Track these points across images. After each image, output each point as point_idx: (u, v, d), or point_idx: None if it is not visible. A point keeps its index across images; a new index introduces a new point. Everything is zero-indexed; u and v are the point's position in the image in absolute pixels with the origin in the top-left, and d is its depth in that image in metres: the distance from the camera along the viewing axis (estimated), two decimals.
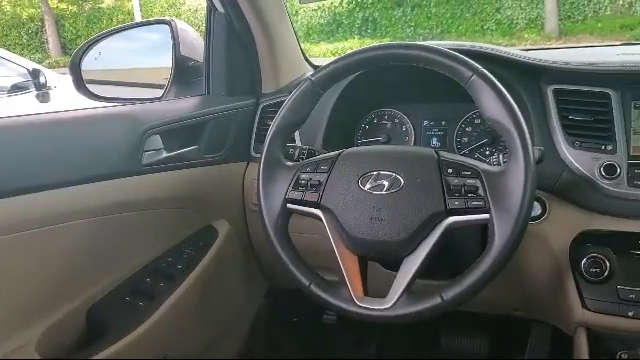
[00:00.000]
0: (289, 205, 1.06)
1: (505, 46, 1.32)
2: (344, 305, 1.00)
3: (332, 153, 1.08)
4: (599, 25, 9.07)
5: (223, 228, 1.46)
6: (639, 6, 9.24)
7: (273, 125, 1.10)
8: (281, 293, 1.72)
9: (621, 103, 1.14)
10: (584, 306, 1.15)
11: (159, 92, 1.53)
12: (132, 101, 1.43)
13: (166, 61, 1.54)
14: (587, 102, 1.17)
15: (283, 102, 1.11)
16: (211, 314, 1.43)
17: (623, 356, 1.18)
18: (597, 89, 1.16)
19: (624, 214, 1.12)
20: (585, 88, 1.17)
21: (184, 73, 1.58)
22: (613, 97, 1.15)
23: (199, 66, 1.58)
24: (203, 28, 1.57)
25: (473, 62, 0.98)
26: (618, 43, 1.64)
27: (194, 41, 1.59)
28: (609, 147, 1.13)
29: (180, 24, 1.56)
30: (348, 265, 1.02)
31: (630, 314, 1.11)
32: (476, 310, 1.46)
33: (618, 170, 1.11)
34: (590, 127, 1.16)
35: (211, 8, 1.52)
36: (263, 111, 1.52)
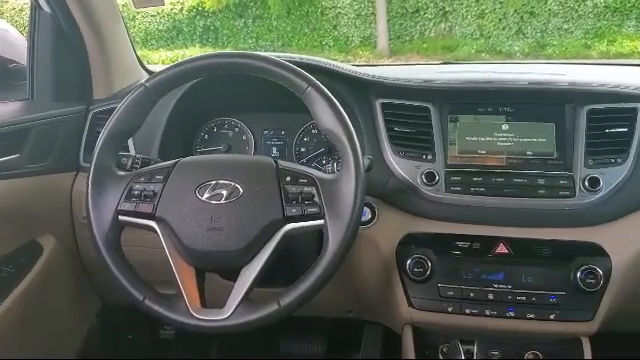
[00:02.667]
0: (121, 217, 1.01)
1: (341, 61, 1.38)
2: (181, 318, 0.97)
3: (168, 162, 1.05)
4: (424, 45, 9.83)
5: (49, 243, 1.36)
6: (458, 30, 10.18)
7: (104, 132, 1.04)
8: (115, 310, 1.63)
9: (439, 116, 1.25)
10: (410, 304, 1.23)
11: None
12: None
13: None
14: (410, 115, 1.25)
15: (115, 109, 1.05)
16: (35, 338, 1.32)
17: (444, 349, 1.29)
18: (418, 103, 1.25)
19: (443, 217, 1.22)
20: (408, 102, 1.26)
21: (5, 76, 1.44)
22: (432, 111, 1.25)
23: (22, 69, 1.46)
24: None
25: (308, 74, 1.02)
26: (438, 62, 1.78)
27: (16, 42, 1.46)
28: (429, 156, 1.23)
29: (0, 24, 1.42)
30: (185, 277, 0.99)
31: (449, 310, 1.20)
32: (312, 314, 1.50)
33: (437, 177, 1.21)
34: (413, 138, 1.24)
35: (35, 6, 1.41)
36: (94, 118, 1.44)
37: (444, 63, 1.81)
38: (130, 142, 1.35)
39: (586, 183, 1.16)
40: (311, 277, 0.96)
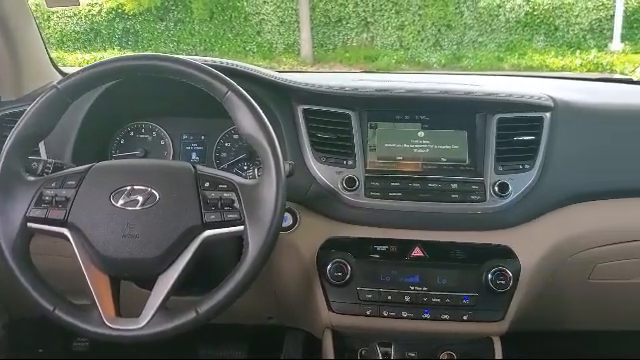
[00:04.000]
0: (30, 224, 0.96)
1: (265, 68, 1.38)
2: (94, 328, 0.94)
3: (81, 167, 1.02)
4: (347, 55, 9.99)
5: None
6: (379, 40, 10.42)
7: (11, 135, 0.99)
8: (23, 323, 1.54)
9: (360, 123, 1.27)
10: (330, 309, 1.24)
11: None
12: None
13: None
14: (331, 121, 1.27)
15: (25, 111, 1.01)
16: None
17: (363, 352, 1.31)
18: (340, 110, 1.27)
19: (362, 222, 1.24)
20: (330, 109, 1.28)
21: None
22: (353, 118, 1.27)
23: None
24: None
25: (228, 79, 1.01)
26: (360, 71, 1.82)
27: None
28: (350, 162, 1.25)
29: None
30: (98, 286, 0.96)
31: (368, 312, 1.22)
32: (232, 321, 1.49)
33: (357, 183, 1.22)
34: (334, 144, 1.26)
35: None
36: (1, 121, 1.36)
37: (365, 72, 1.84)
38: (41, 146, 1.29)
39: (496, 188, 1.21)
40: (230, 283, 0.95)
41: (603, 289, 1.35)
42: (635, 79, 1.77)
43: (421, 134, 1.27)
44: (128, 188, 0.97)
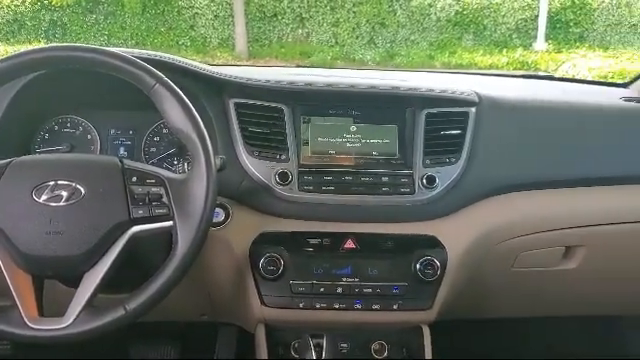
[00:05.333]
0: None
1: (199, 62, 1.36)
2: (13, 329, 0.91)
3: (0, 162, 0.97)
4: (282, 50, 9.98)
5: None
6: (315, 37, 10.47)
7: None
8: None
9: (293, 117, 1.27)
10: (263, 303, 1.24)
11: None
12: None
13: None
14: (264, 115, 1.26)
15: None
16: None
17: (296, 345, 1.32)
18: (272, 104, 1.27)
19: (295, 216, 1.24)
20: (262, 103, 1.27)
21: None
22: (286, 112, 1.27)
23: None
24: None
25: (156, 71, 0.99)
26: (293, 66, 1.82)
27: None
28: (283, 156, 1.25)
29: None
30: (20, 286, 0.93)
31: (301, 305, 1.23)
32: (165, 319, 1.47)
33: (290, 177, 1.22)
34: (267, 138, 1.25)
35: None
36: None
37: (298, 66, 1.85)
38: None
39: (424, 181, 1.24)
40: (159, 280, 0.94)
41: (525, 277, 1.42)
42: (556, 76, 1.87)
43: (353, 128, 1.29)
44: (51, 183, 0.94)
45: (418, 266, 1.23)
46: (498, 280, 1.42)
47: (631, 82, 1.67)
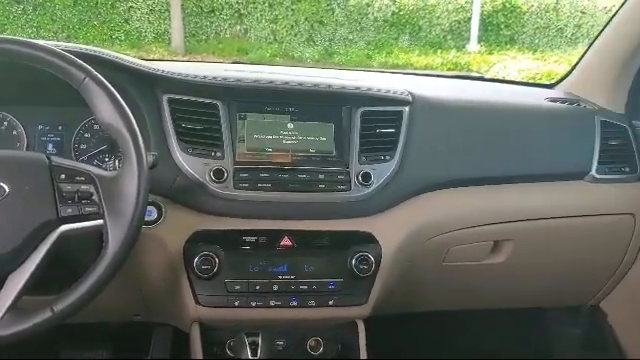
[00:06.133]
0: None
1: (133, 57, 1.32)
2: None
3: None
4: (220, 46, 9.86)
5: None
6: (253, 33, 10.40)
7: None
8: None
9: (228, 114, 1.25)
10: (197, 302, 1.23)
11: None
12: None
13: None
14: (198, 112, 1.24)
15: None
16: None
17: (231, 344, 1.31)
18: (207, 100, 1.25)
19: (231, 214, 1.23)
20: (196, 99, 1.25)
21: None
22: (221, 108, 1.25)
23: None
24: None
25: (85, 65, 0.96)
26: (229, 62, 1.80)
27: None
28: (218, 153, 1.23)
29: None
30: None
31: (236, 304, 1.23)
32: (97, 320, 1.43)
33: (225, 174, 1.21)
34: (201, 135, 1.24)
35: None
36: None
37: (235, 62, 1.83)
38: None
39: (360, 178, 1.25)
40: (89, 280, 0.91)
41: (456, 271, 1.46)
42: (487, 77, 1.93)
43: (290, 126, 1.29)
44: None
45: (353, 262, 1.25)
46: (430, 274, 1.46)
47: (556, 83, 1.75)
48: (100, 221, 0.93)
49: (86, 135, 1.35)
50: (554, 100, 1.57)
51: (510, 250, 1.44)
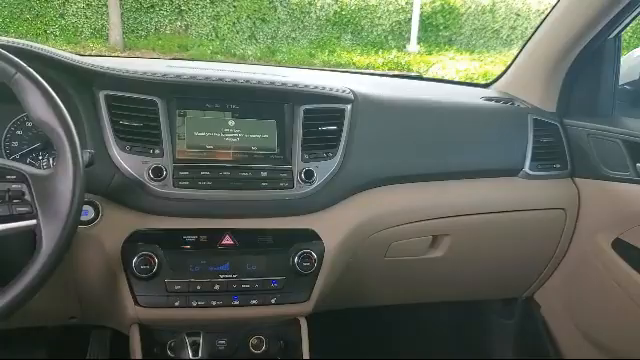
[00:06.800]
0: None
1: (69, 52, 1.27)
2: None
3: None
4: (160, 42, 9.68)
5: None
6: (194, 30, 10.25)
7: None
8: None
9: (167, 111, 1.23)
10: (136, 303, 1.20)
11: None
12: None
13: None
14: (137, 108, 1.22)
15: None
16: None
17: (172, 344, 1.29)
18: (146, 97, 1.22)
19: (171, 213, 1.21)
20: (135, 95, 1.22)
21: None
22: (160, 105, 1.23)
23: None
24: None
25: (16, 59, 0.93)
26: (169, 58, 1.77)
27: None
28: (157, 151, 1.21)
29: None
30: None
31: (177, 304, 1.21)
32: (31, 324, 1.38)
33: (165, 172, 1.19)
34: (140, 132, 1.21)
35: None
36: None
37: (175, 59, 1.80)
38: None
39: (302, 175, 1.26)
40: (21, 282, 0.88)
41: (397, 266, 1.49)
42: (425, 76, 1.97)
43: (232, 123, 1.28)
44: None
45: (296, 259, 1.25)
46: (372, 270, 1.48)
47: (492, 83, 1.80)
48: (33, 221, 0.90)
49: (18, 132, 1.30)
50: (489, 99, 1.62)
51: (448, 245, 1.48)
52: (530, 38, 1.62)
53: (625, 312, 1.45)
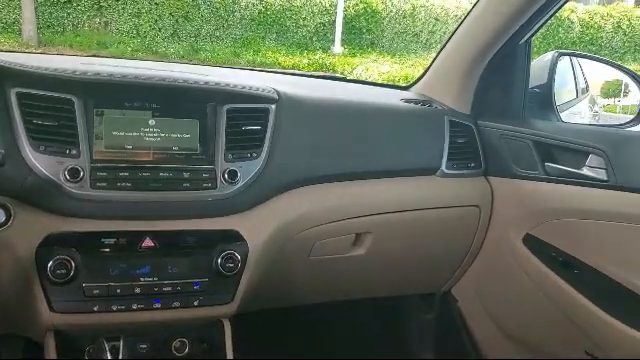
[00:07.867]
0: None
1: None
2: None
3: None
4: (78, 39, 9.32)
5: None
6: (114, 26, 9.92)
7: None
8: None
9: (84, 110, 1.19)
10: (52, 309, 1.16)
11: None
12: None
13: None
14: (51, 107, 1.17)
15: None
16: None
17: (90, 350, 1.25)
18: (61, 95, 1.18)
19: (89, 215, 1.18)
20: (49, 93, 1.17)
21: None
22: (76, 103, 1.18)
23: None
24: None
25: None
26: (88, 54, 1.71)
27: None
28: (73, 151, 1.17)
29: None
30: None
31: (95, 309, 1.17)
32: None
33: (82, 173, 1.15)
34: (55, 132, 1.16)
35: None
36: None
37: (92, 56, 1.74)
38: None
39: (226, 176, 1.25)
40: None
41: (321, 265, 1.51)
42: (349, 78, 2.00)
43: (152, 122, 1.25)
44: None
45: (219, 261, 1.24)
46: (297, 269, 1.49)
47: (411, 85, 1.85)
48: None
49: None
50: (408, 101, 1.66)
51: (370, 243, 1.51)
52: (447, 43, 1.67)
53: (534, 303, 1.53)
